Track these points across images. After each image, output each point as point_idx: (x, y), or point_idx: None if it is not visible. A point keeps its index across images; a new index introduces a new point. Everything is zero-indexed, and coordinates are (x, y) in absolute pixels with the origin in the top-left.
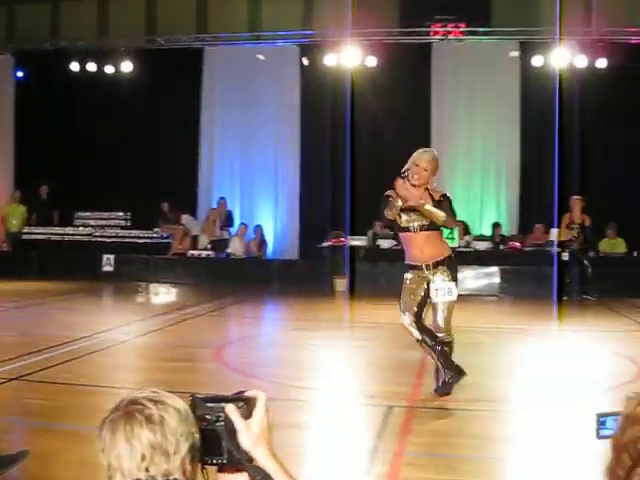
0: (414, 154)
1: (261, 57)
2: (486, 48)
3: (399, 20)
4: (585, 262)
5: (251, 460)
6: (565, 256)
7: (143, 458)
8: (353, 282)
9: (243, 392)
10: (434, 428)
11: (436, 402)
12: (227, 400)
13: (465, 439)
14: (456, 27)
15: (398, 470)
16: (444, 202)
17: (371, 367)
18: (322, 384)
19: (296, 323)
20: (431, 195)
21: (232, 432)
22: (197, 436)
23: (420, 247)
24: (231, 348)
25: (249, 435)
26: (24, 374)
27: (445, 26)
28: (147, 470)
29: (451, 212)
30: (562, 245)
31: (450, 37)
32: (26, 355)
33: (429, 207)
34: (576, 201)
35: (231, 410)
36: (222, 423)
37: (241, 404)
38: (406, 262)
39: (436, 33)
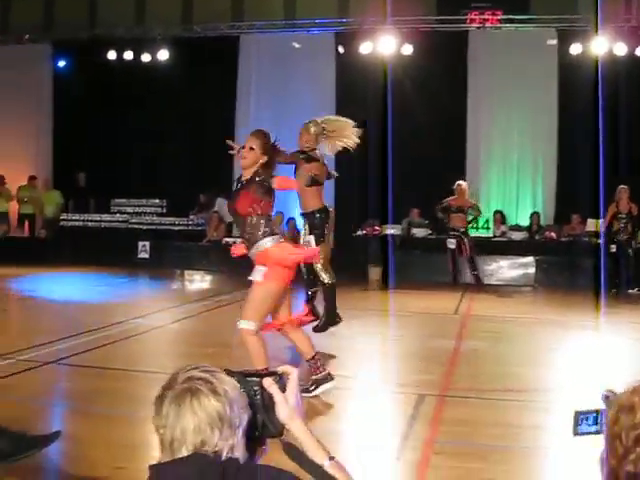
0: None
1: (296, 45)
2: (523, 36)
3: (436, 8)
4: (630, 253)
5: (282, 433)
6: (613, 248)
7: (211, 430)
8: (387, 271)
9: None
10: (465, 417)
11: (468, 391)
12: (261, 375)
13: (496, 428)
14: (493, 15)
15: (428, 458)
16: None
17: (403, 356)
18: (355, 372)
19: None
20: None
21: (268, 405)
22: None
23: None
24: (265, 335)
25: (287, 408)
26: (60, 358)
27: (482, 14)
28: (216, 445)
29: None
30: (609, 236)
31: (487, 25)
32: (62, 339)
33: None
34: (622, 190)
35: (269, 384)
36: (259, 397)
37: (277, 378)
38: None
39: (473, 21)
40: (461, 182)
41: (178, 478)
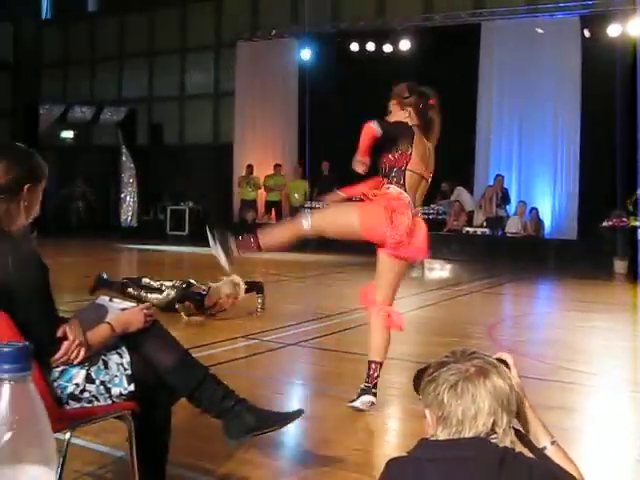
0: None
1: (540, 30)
2: None
3: None
4: None
5: None
6: None
7: (502, 413)
8: (635, 264)
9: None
10: None
11: None
12: None
13: None
14: None
15: None
16: None
17: None
18: (594, 368)
19: (571, 304)
20: None
21: None
22: None
23: None
24: (503, 326)
25: (518, 391)
26: (302, 340)
27: None
28: (503, 428)
29: None
30: None
31: None
32: (305, 323)
33: None
34: None
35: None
36: None
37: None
38: None
39: None
40: None
41: (460, 458)
